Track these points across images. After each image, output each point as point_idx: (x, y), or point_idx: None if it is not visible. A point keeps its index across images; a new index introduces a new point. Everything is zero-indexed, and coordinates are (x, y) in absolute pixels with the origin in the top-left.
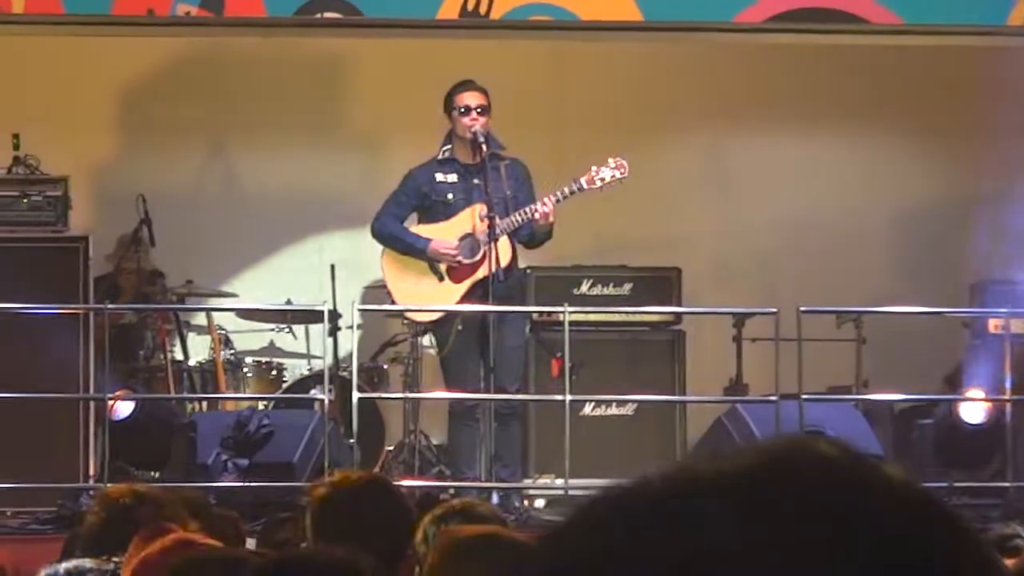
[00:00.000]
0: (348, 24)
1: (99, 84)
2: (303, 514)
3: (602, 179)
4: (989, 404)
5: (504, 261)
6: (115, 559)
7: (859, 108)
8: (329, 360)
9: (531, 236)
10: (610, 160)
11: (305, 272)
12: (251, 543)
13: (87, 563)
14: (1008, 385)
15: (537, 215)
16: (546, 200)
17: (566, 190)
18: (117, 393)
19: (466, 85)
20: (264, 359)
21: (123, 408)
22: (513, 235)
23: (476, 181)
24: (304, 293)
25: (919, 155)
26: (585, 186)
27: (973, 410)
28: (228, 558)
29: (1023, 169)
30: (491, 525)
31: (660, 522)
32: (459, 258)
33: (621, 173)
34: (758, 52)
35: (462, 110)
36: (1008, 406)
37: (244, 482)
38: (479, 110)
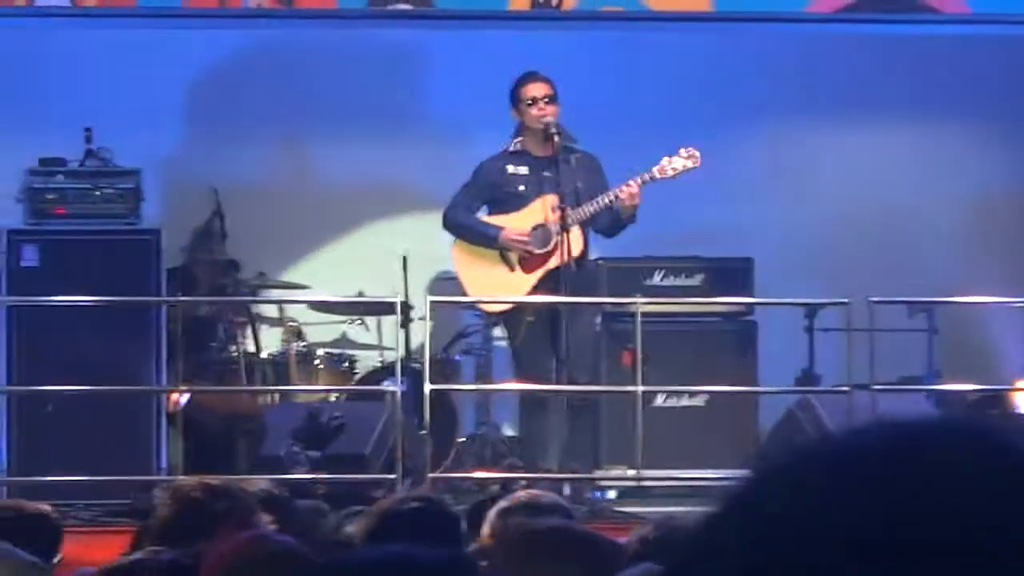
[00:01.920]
0: (419, 16)
1: (171, 76)
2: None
3: (674, 169)
4: None
5: (576, 252)
6: (186, 551)
7: (931, 96)
8: (401, 352)
9: (613, 222)
10: (681, 150)
11: (377, 263)
12: None
13: (157, 553)
14: None
15: (623, 195)
16: (631, 182)
17: (639, 180)
18: (177, 387)
19: (530, 77)
20: (336, 351)
21: (184, 401)
22: (592, 223)
23: (547, 173)
24: (376, 285)
25: (992, 143)
26: (657, 176)
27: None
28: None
29: None
30: (557, 518)
31: (884, 482)
32: (530, 247)
33: (693, 163)
34: (828, 42)
35: (529, 102)
36: None
37: (316, 474)
38: (546, 100)
